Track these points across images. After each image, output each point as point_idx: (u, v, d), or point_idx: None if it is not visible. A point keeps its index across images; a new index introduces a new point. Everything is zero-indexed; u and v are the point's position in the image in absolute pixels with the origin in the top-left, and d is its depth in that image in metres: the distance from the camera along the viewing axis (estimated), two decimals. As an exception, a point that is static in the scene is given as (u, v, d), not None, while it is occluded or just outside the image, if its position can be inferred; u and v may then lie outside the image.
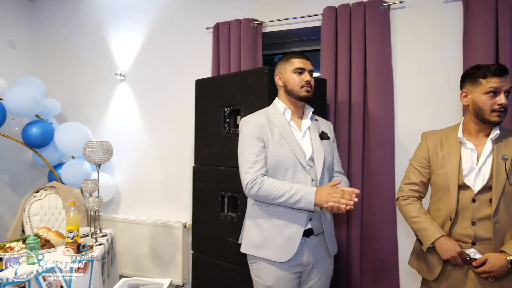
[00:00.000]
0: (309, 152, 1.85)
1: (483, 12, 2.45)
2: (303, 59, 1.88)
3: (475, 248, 1.67)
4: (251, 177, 1.76)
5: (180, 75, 3.48)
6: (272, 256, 1.79)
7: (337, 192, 1.67)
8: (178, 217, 3.47)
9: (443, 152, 1.78)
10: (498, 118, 1.65)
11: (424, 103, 2.69)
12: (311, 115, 1.96)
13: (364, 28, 2.75)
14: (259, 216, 1.85)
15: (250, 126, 1.83)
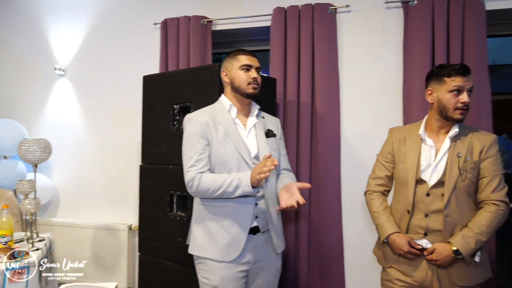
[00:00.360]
0: (254, 150, 1.85)
1: (421, 21, 2.61)
2: (250, 56, 1.88)
3: (427, 239, 1.77)
4: (191, 175, 1.76)
5: (126, 71, 3.35)
6: (218, 256, 1.78)
7: (260, 164, 1.65)
8: (123, 219, 3.33)
9: (405, 148, 1.87)
10: (461, 115, 1.74)
11: (367, 104, 2.81)
12: (257, 112, 1.96)
13: (312, 30, 2.82)
14: (205, 216, 1.84)
15: (194, 124, 1.82)
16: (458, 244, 1.67)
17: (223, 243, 1.77)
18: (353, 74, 2.84)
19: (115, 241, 3.20)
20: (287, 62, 2.87)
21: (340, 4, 2.81)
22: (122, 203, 3.35)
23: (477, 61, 2.53)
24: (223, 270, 1.78)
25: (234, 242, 1.77)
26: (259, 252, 1.85)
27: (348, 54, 2.85)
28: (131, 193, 3.29)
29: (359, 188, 2.70)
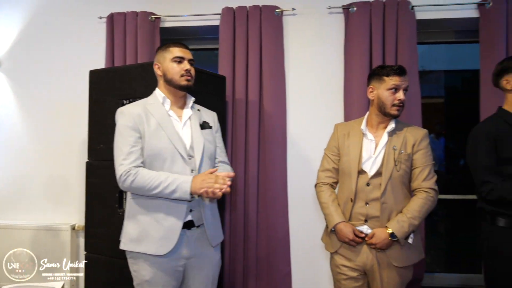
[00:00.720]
0: (189, 142, 1.85)
1: (360, 26, 2.82)
2: (182, 47, 1.88)
3: (367, 225, 1.94)
4: (124, 169, 1.72)
5: (68, 65, 3.21)
6: (151, 249, 1.75)
7: (211, 178, 1.69)
8: (65, 219, 3.19)
9: (349, 142, 2.03)
10: (397, 112, 1.92)
11: (311, 102, 2.98)
12: (192, 104, 1.96)
13: (260, 30, 2.92)
14: (137, 210, 1.81)
15: (125, 116, 1.80)
16: (394, 227, 1.85)
17: (157, 237, 1.75)
18: (299, 74, 2.99)
19: (57, 242, 3.07)
20: (236, 61, 2.95)
21: (286, 7, 2.95)
22: (64, 202, 3.22)
23: (409, 64, 2.77)
24: (155, 265, 1.76)
25: (168, 235, 1.75)
26: (195, 246, 1.84)
27: (293, 55, 2.99)
28: (74, 192, 3.17)
29: (304, 182, 2.88)
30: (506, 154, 1.92)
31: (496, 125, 1.99)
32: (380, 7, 2.81)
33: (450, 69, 3.81)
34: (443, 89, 3.86)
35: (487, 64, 2.74)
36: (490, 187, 1.91)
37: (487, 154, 1.94)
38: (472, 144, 2.04)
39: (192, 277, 1.86)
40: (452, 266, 3.54)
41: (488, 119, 2.09)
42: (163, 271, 1.77)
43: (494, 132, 1.96)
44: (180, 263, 1.81)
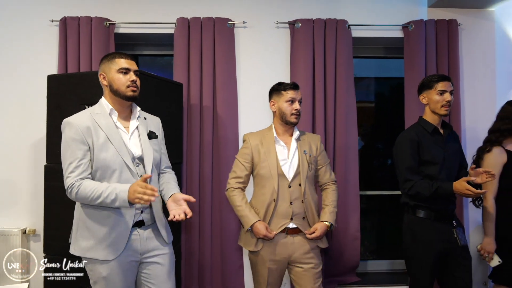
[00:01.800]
0: (138, 152, 1.92)
1: (304, 40, 3.15)
2: (127, 59, 1.91)
3: (292, 222, 2.25)
4: (71, 181, 1.78)
5: (16, 68, 3.16)
6: (100, 256, 1.83)
7: (140, 188, 1.67)
8: (14, 223, 3.14)
9: (264, 149, 2.31)
10: (295, 119, 2.29)
11: (261, 108, 3.23)
12: (138, 114, 2.01)
13: (214, 40, 3.13)
14: (87, 217, 1.87)
15: (73, 129, 1.82)
16: (330, 219, 2.26)
17: (106, 243, 1.82)
18: (249, 82, 3.24)
19: (6, 248, 3.01)
20: (190, 68, 3.12)
21: (238, 20, 3.19)
22: (12, 206, 3.16)
23: (346, 75, 3.17)
24: (109, 263, 1.83)
25: (117, 240, 1.83)
26: (147, 244, 1.92)
27: (244, 64, 3.24)
28: (23, 195, 3.15)
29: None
30: (425, 157, 2.30)
31: (417, 132, 2.35)
32: (322, 24, 3.15)
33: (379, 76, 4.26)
34: (373, 94, 4.32)
35: (410, 76, 3.22)
36: (411, 184, 2.27)
37: (410, 157, 2.30)
38: (398, 148, 2.39)
39: (151, 272, 1.94)
40: (381, 253, 4.00)
41: (411, 127, 2.45)
42: (117, 267, 1.85)
43: (416, 138, 2.32)
44: (134, 258, 1.90)
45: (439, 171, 2.29)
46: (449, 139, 2.40)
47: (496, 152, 2.49)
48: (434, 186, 2.21)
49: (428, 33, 3.21)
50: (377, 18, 3.28)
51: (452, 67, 3.21)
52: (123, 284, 1.89)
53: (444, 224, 2.31)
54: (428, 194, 2.22)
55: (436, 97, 2.31)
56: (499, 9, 3.33)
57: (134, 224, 1.90)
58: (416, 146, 2.31)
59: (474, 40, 3.33)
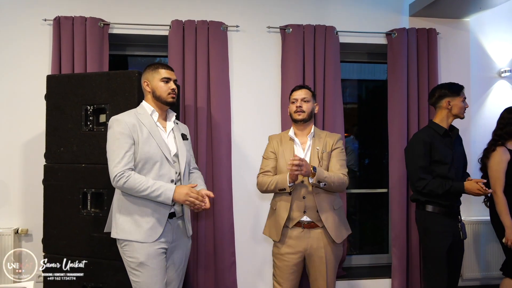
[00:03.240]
0: (174, 149, 2.18)
1: (295, 45, 3.28)
2: (169, 70, 2.20)
3: (306, 215, 2.35)
4: (119, 170, 1.98)
5: (7, 68, 3.14)
6: (142, 238, 2.04)
7: (194, 193, 2.03)
8: (5, 223, 3.11)
9: (282, 148, 2.46)
10: (298, 116, 2.42)
11: (252, 110, 3.36)
12: (174, 119, 2.27)
13: (208, 43, 3.21)
14: (129, 205, 2.07)
15: (122, 124, 2.04)
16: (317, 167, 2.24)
17: (146, 227, 2.05)
18: (242, 84, 3.35)
19: (-2, 247, 3.00)
20: (185, 70, 3.19)
21: (231, 24, 3.29)
22: (3, 207, 3.13)
23: (334, 78, 3.33)
24: (148, 248, 2.04)
25: (155, 226, 2.06)
26: (175, 233, 2.17)
27: (237, 67, 3.34)
28: (16, 196, 3.13)
29: (247, 180, 3.27)
30: (436, 157, 2.51)
31: (429, 134, 2.55)
32: (312, 30, 3.30)
33: (362, 79, 4.45)
34: (356, 96, 4.52)
35: (392, 80, 3.41)
36: (425, 183, 2.48)
37: (423, 157, 2.50)
38: (411, 149, 2.60)
39: (171, 259, 2.17)
40: (364, 248, 4.20)
41: (423, 129, 2.66)
42: (153, 253, 2.04)
43: (428, 140, 2.52)
44: (165, 246, 2.11)
45: (448, 170, 2.50)
46: (456, 141, 2.64)
47: (501, 150, 2.73)
48: (447, 186, 2.43)
49: (410, 41, 3.42)
50: (363, 25, 3.46)
51: (432, 73, 3.44)
52: (160, 270, 2.07)
53: (451, 219, 2.54)
54: (441, 192, 2.44)
55: (462, 104, 2.56)
56: (474, 20, 3.60)
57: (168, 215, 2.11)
58: (429, 147, 2.51)
59: (451, 48, 3.58)
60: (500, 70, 3.64)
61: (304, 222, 2.36)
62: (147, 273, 2.03)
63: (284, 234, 2.39)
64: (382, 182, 3.92)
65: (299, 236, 2.36)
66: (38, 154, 2.87)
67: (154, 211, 2.06)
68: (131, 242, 2.05)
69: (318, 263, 2.37)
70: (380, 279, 3.53)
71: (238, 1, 3.37)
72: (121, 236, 2.07)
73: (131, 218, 2.06)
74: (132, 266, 2.06)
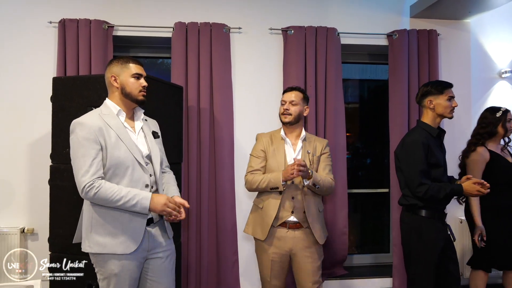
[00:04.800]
0: (146, 151, 2.02)
1: (296, 46, 3.32)
2: (140, 65, 2.02)
3: (293, 216, 2.38)
4: (87, 181, 1.81)
5: (12, 70, 3.19)
6: (119, 249, 1.89)
7: (171, 203, 1.89)
8: (12, 222, 3.17)
9: (273, 147, 2.48)
10: (284, 119, 2.45)
11: (254, 111, 3.39)
12: (143, 116, 2.10)
13: (211, 45, 3.26)
14: (102, 215, 1.91)
15: (86, 129, 1.87)
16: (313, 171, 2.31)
17: (123, 238, 1.89)
18: (244, 85, 3.39)
19: (4, 247, 3.04)
20: (188, 72, 3.24)
21: (233, 26, 3.33)
22: (10, 206, 3.19)
23: (335, 79, 3.37)
24: (122, 260, 1.90)
25: (134, 236, 1.91)
26: (154, 240, 2.01)
27: (240, 68, 3.38)
28: (22, 195, 3.18)
29: (250, 180, 3.29)
30: (432, 160, 2.35)
31: (425, 136, 2.38)
32: (313, 31, 3.34)
33: (364, 78, 4.48)
34: (358, 96, 4.55)
35: (393, 81, 3.45)
36: (426, 188, 2.29)
37: (424, 161, 2.33)
38: (410, 152, 2.38)
39: (153, 266, 2.02)
40: (365, 248, 4.23)
41: (417, 131, 2.44)
42: (128, 264, 1.91)
43: (426, 142, 2.35)
44: (143, 255, 1.98)
45: (443, 174, 2.41)
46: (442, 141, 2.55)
47: (480, 151, 2.73)
48: (447, 189, 2.30)
49: (411, 42, 3.45)
50: (364, 26, 3.49)
51: (432, 74, 3.47)
52: (132, 281, 1.95)
53: (440, 223, 2.43)
54: (443, 197, 2.31)
55: (446, 103, 2.41)
56: (474, 21, 3.63)
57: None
58: (427, 150, 2.35)
59: (452, 49, 3.60)
60: (500, 70, 3.66)
61: (290, 222, 2.40)
62: (119, 284, 1.91)
63: (269, 233, 2.41)
64: (383, 182, 3.96)
65: (284, 236, 2.40)
66: (44, 155, 2.91)
67: (131, 220, 1.91)
68: (105, 254, 1.90)
69: (303, 263, 2.40)
70: (381, 278, 3.57)
71: (240, 3, 3.41)
72: (95, 250, 1.90)
73: (105, 230, 1.90)
74: (104, 276, 1.94)
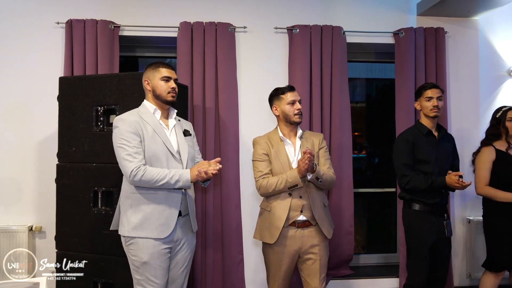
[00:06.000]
0: (176, 146, 2.18)
1: (302, 45, 3.31)
2: (169, 69, 2.20)
3: (302, 215, 2.36)
4: (134, 166, 1.99)
5: (20, 70, 3.23)
6: (153, 234, 2.05)
7: (204, 163, 2.05)
8: (20, 220, 3.21)
9: (274, 149, 2.43)
10: (299, 119, 2.41)
11: (260, 110, 3.38)
12: (175, 116, 2.28)
13: (216, 44, 3.26)
14: (140, 201, 2.08)
15: (126, 123, 2.07)
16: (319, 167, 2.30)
17: (158, 223, 2.06)
18: (249, 84, 3.39)
19: (12, 244, 3.09)
20: (194, 71, 3.25)
21: (238, 25, 3.33)
22: (18, 204, 3.23)
23: (341, 77, 3.36)
24: (152, 248, 2.05)
25: (167, 222, 2.08)
26: (181, 231, 2.18)
27: (245, 67, 3.39)
28: (30, 193, 3.23)
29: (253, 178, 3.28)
30: (419, 156, 2.57)
31: (413, 134, 2.62)
32: (318, 30, 3.32)
33: (371, 77, 4.45)
34: (365, 95, 4.52)
35: (400, 80, 3.43)
36: (408, 179, 2.53)
37: (406, 155, 2.58)
38: (395, 148, 2.67)
39: (176, 257, 2.18)
40: (372, 247, 4.21)
41: (409, 129, 2.72)
42: (157, 252, 2.06)
43: (412, 139, 2.59)
44: (170, 245, 2.13)
45: (432, 169, 2.55)
46: (443, 140, 2.65)
47: (486, 151, 2.79)
48: (429, 180, 2.48)
49: (418, 40, 3.42)
50: (370, 25, 3.47)
51: (440, 72, 3.43)
52: (163, 271, 2.10)
53: (436, 217, 2.57)
54: (424, 187, 2.49)
55: (425, 103, 2.60)
56: (482, 18, 3.57)
57: None
58: (412, 146, 2.58)
59: (459, 47, 3.56)
60: (509, 68, 3.60)
61: (299, 222, 2.37)
62: (148, 272, 2.06)
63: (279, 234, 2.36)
64: (391, 182, 3.92)
65: (293, 236, 2.37)
66: (51, 154, 2.94)
67: (165, 207, 2.08)
68: (137, 240, 2.06)
69: (311, 261, 2.38)
70: (388, 278, 3.54)
71: (245, 3, 3.41)
72: (131, 233, 2.07)
73: (143, 215, 2.07)
74: (136, 265, 2.09)
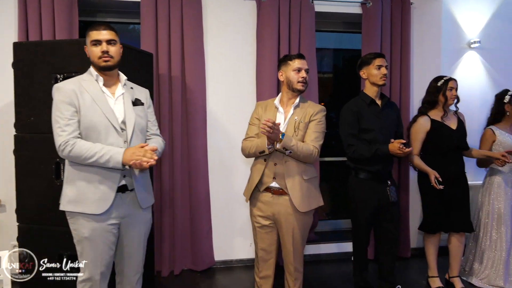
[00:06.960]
0: (121, 116, 2.03)
1: (270, 15, 3.27)
2: (98, 30, 1.98)
3: (275, 182, 2.38)
4: (63, 139, 1.89)
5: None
6: (89, 209, 1.95)
7: (140, 151, 1.90)
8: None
9: (266, 115, 2.42)
10: (302, 87, 2.40)
11: (228, 79, 3.35)
12: (125, 82, 2.12)
13: (182, 11, 3.16)
14: (75, 175, 1.97)
15: (61, 92, 1.94)
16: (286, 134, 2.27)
17: (93, 198, 1.94)
18: (216, 52, 3.33)
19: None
20: (158, 38, 3.14)
21: (205, -9, 3.22)
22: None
23: (309, 47, 3.35)
24: (93, 223, 1.95)
25: (104, 197, 1.95)
26: (128, 207, 2.06)
27: (212, 36, 3.31)
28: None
29: (221, 147, 3.35)
30: (364, 125, 2.66)
31: (357, 104, 2.71)
32: (287, -2, 3.27)
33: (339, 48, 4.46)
34: (332, 65, 4.54)
35: (367, 51, 3.43)
36: (354, 149, 2.64)
37: (351, 125, 2.67)
38: (341, 118, 2.74)
39: (126, 234, 2.08)
40: (335, 214, 4.37)
41: (353, 100, 2.77)
42: (100, 228, 1.96)
43: (356, 109, 2.68)
44: (115, 222, 2.02)
45: (376, 137, 2.64)
46: (385, 108, 2.74)
47: (420, 121, 2.91)
48: (373, 149, 2.59)
49: (384, 10, 3.45)
50: (338, -6, 3.45)
51: (404, 43, 3.50)
52: (105, 246, 2.00)
53: (379, 184, 2.70)
54: (369, 156, 2.60)
55: (375, 71, 2.65)
56: (447, -10, 3.64)
57: (118, 189, 2.00)
58: (356, 116, 2.67)
59: (424, 18, 3.62)
60: (470, 41, 3.71)
61: (273, 188, 2.40)
62: (90, 248, 1.98)
63: (255, 197, 2.46)
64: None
65: (268, 201, 2.41)
66: (8, 124, 2.80)
67: (102, 182, 1.96)
68: (77, 215, 1.97)
69: (285, 229, 2.42)
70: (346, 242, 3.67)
71: (213, -33, 3.29)
72: (67, 208, 1.98)
73: (78, 189, 1.96)
74: (77, 239, 2.01)
